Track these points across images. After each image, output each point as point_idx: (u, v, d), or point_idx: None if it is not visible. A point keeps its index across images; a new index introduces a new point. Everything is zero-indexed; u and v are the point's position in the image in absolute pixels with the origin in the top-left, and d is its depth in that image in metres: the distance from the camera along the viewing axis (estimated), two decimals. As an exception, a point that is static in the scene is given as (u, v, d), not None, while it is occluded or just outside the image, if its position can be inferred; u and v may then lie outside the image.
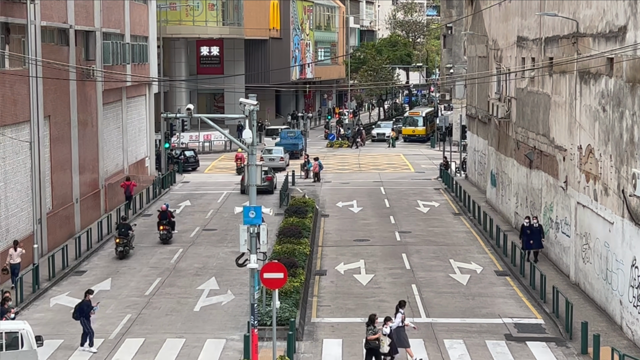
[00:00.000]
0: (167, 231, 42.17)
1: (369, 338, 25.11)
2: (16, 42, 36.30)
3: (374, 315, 25.61)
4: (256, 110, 25.12)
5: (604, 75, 30.34)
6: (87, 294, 27.80)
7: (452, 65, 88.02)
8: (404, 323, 26.02)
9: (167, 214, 42.64)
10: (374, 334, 25.05)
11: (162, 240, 42.14)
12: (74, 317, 27.37)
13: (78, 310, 27.27)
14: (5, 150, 35.07)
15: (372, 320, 25.29)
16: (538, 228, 37.29)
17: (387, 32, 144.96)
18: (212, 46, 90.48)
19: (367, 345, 25.22)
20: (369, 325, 25.22)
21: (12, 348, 23.16)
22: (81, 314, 27.16)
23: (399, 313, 26.07)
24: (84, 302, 27.47)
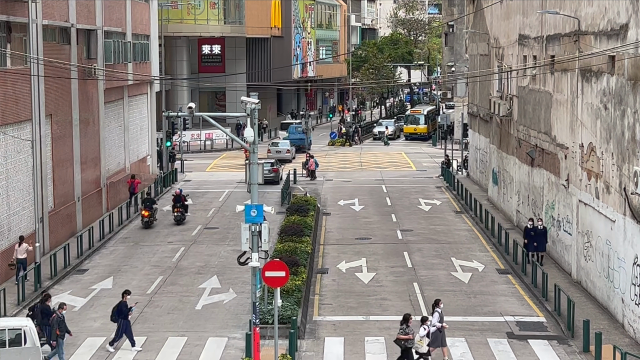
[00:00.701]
0: (180, 213, 46.41)
1: (399, 337, 24.95)
2: (18, 41, 36.31)
3: (409, 315, 25.39)
4: (258, 108, 25.12)
5: (606, 73, 30.33)
6: (125, 295, 27.53)
7: (454, 63, 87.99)
8: (442, 323, 25.76)
9: (181, 198, 46.80)
10: (405, 334, 24.86)
11: (176, 222, 46.19)
12: (112, 319, 27.11)
13: (116, 312, 27.03)
14: (7, 149, 35.08)
15: (406, 320, 25.11)
16: (542, 230, 36.68)
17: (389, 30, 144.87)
18: (213, 44, 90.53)
19: (399, 344, 25.02)
20: (402, 325, 25.05)
21: (15, 345, 23.22)
22: (119, 315, 26.92)
23: (436, 312, 25.84)
24: (121, 302, 27.21)
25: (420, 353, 24.99)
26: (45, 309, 26.89)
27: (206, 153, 79.29)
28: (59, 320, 25.68)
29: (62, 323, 25.70)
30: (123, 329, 27.00)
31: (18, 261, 33.75)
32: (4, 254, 34.42)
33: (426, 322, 25.19)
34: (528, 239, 36.49)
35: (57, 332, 25.50)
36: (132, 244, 41.68)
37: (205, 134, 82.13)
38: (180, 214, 46.25)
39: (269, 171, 58.04)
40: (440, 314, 25.88)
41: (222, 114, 31.03)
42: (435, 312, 25.92)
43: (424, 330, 24.96)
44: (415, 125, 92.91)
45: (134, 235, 43.85)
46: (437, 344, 25.66)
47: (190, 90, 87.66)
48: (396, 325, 29.11)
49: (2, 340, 23.28)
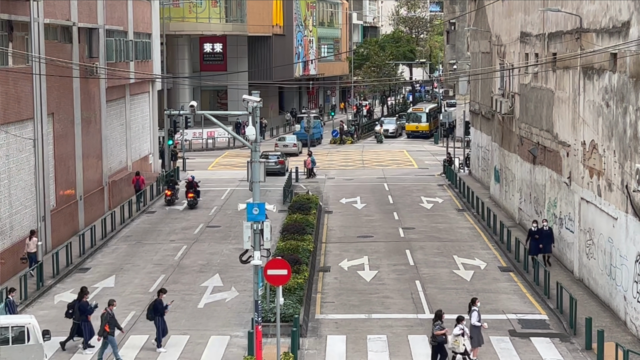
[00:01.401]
0: (193, 198, 50.35)
1: (435, 333, 24.85)
2: (19, 40, 36.33)
3: (441, 311, 25.32)
4: (259, 107, 25.12)
5: (608, 71, 30.31)
6: (160, 293, 27.46)
7: (456, 61, 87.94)
8: (480, 322, 25.61)
9: (194, 184, 50.62)
10: (440, 329, 24.80)
11: (189, 206, 50.14)
12: (148, 318, 27.05)
13: (152, 310, 26.96)
14: (9, 148, 35.11)
15: (439, 316, 25.04)
16: (548, 232, 35.97)
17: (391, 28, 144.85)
18: (215, 43, 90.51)
19: (434, 341, 24.97)
20: (436, 321, 24.98)
21: (18, 342, 23.31)
22: (156, 313, 26.84)
23: (474, 311, 25.71)
24: (157, 300, 27.13)
25: (457, 353, 24.81)
26: (83, 305, 26.93)
27: (208, 151, 79.29)
28: (109, 317, 25.77)
29: (112, 319, 25.81)
30: (162, 326, 26.88)
31: (28, 255, 34.72)
32: (7, 252, 34.46)
33: (462, 321, 24.97)
34: (532, 241, 35.71)
35: (107, 328, 25.60)
36: (134, 243, 41.70)
37: (207, 133, 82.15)
38: (193, 199, 50.25)
39: (275, 163, 61.95)
40: (478, 312, 25.71)
41: (223, 113, 31.00)
42: (473, 310, 25.72)
43: (459, 329, 24.78)
44: (417, 123, 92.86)
45: (136, 233, 43.88)
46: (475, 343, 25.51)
47: (192, 88, 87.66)
48: (398, 323, 29.20)
49: (5, 338, 23.37)
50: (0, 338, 23.33)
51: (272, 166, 60.82)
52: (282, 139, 76.96)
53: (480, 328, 25.63)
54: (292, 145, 75.18)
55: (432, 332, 25.08)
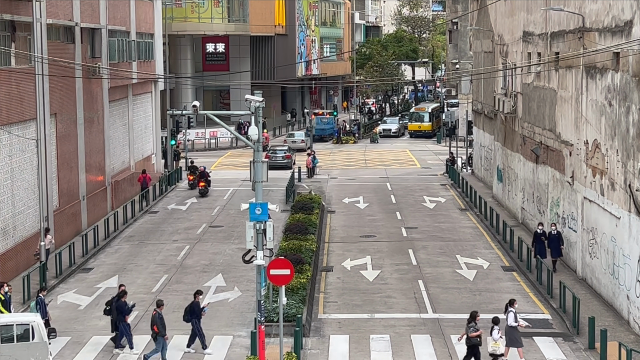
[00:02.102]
0: (204, 187, 54.10)
1: (470, 335, 24.74)
2: (22, 40, 36.35)
3: (475, 313, 25.21)
4: (262, 106, 25.12)
5: (610, 70, 30.29)
6: (197, 295, 27.34)
7: (458, 60, 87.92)
8: (518, 323, 25.48)
9: (205, 174, 54.71)
10: (475, 331, 24.70)
11: (200, 194, 53.88)
12: (185, 319, 26.95)
13: (189, 312, 26.85)
14: (11, 148, 35.13)
15: (474, 317, 24.94)
16: (557, 235, 35.14)
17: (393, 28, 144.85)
18: (217, 43, 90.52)
19: (469, 342, 24.84)
20: (470, 322, 24.88)
21: (23, 340, 23.41)
22: (192, 315, 26.73)
23: (511, 312, 25.58)
24: (194, 302, 27.02)
25: (496, 355, 24.66)
26: (121, 305, 26.93)
27: (211, 151, 79.31)
28: (158, 318, 25.70)
29: (161, 321, 25.72)
30: (197, 328, 26.76)
31: None
32: (10, 252, 34.49)
33: (498, 323, 24.85)
34: (538, 244, 35.19)
35: (156, 329, 25.56)
36: (137, 243, 41.72)
37: (210, 132, 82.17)
38: (204, 187, 54.13)
39: (282, 157, 65.81)
40: (515, 313, 25.57)
41: (226, 112, 30.98)
42: (509, 311, 25.58)
43: (497, 332, 24.65)
44: (419, 123, 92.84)
45: (139, 233, 43.90)
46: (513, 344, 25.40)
47: (194, 88, 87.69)
48: (401, 322, 29.19)
49: (10, 336, 23.46)
50: (5, 336, 23.42)
51: (279, 160, 65.03)
52: (291, 135, 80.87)
53: (516, 329, 25.48)
54: (300, 141, 78.28)
55: (467, 334, 24.95)
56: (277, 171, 61.07)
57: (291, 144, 76.24)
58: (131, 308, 27.38)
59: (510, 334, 25.41)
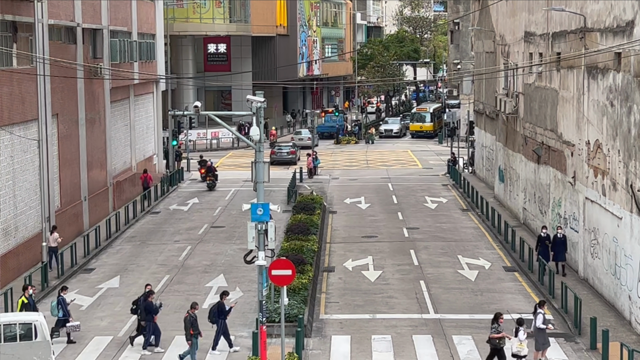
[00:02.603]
0: (212, 181, 56.60)
1: (491, 336, 24.63)
2: (24, 41, 36.37)
3: (499, 314, 25.10)
4: (263, 107, 25.12)
5: (612, 70, 30.28)
6: (223, 295, 27.21)
7: (460, 60, 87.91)
8: (546, 325, 25.33)
9: (213, 169, 57.27)
10: (497, 333, 24.57)
11: (209, 188, 56.42)
12: (210, 321, 26.84)
13: (216, 313, 26.73)
14: (13, 149, 35.14)
15: (497, 318, 24.83)
16: (562, 239, 34.46)
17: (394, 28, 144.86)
18: (219, 43, 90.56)
19: (491, 344, 24.73)
20: (493, 324, 24.77)
21: (26, 339, 23.53)
22: (219, 316, 26.65)
23: (540, 314, 25.45)
24: (220, 303, 26.95)
25: (520, 356, 24.50)
26: (149, 305, 26.92)
27: (212, 152, 79.29)
28: (192, 320, 25.63)
29: (195, 322, 25.64)
30: (221, 330, 26.70)
31: (49, 250, 35.95)
32: (12, 253, 34.50)
33: (523, 324, 24.73)
34: (542, 247, 34.73)
35: (191, 331, 25.47)
36: (139, 243, 41.73)
37: (212, 133, 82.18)
38: (211, 181, 56.57)
39: (287, 153, 68.97)
40: (544, 315, 25.42)
41: (228, 113, 30.98)
42: (539, 313, 25.43)
43: (522, 333, 24.51)
44: (421, 123, 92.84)
45: (141, 234, 43.92)
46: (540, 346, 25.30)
47: (196, 89, 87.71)
48: (403, 323, 29.19)
49: (13, 335, 23.58)
50: (8, 335, 23.53)
51: (284, 156, 68.48)
52: (298, 133, 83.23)
53: (544, 331, 25.37)
54: (307, 138, 79.59)
55: (489, 335, 24.84)
56: (279, 171, 61.14)
57: (298, 141, 77.91)
58: (159, 308, 27.33)
59: (538, 336, 25.29)
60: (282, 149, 69.17)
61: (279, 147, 70.04)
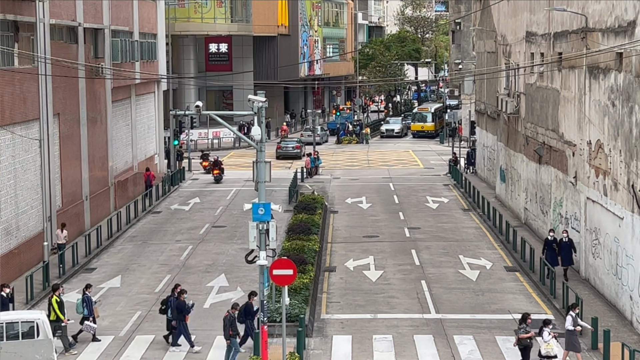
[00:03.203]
0: (218, 174, 59.61)
1: (520, 337, 24.56)
2: (25, 40, 36.38)
3: (527, 315, 25.06)
4: (265, 107, 25.12)
5: (613, 70, 30.27)
6: (251, 296, 27.05)
7: (461, 60, 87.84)
8: (575, 327, 25.21)
9: (219, 162, 60.35)
10: (525, 333, 24.51)
11: (215, 181, 59.45)
12: (239, 321, 26.66)
13: (243, 313, 26.61)
14: (15, 148, 35.16)
15: (524, 319, 24.77)
16: (568, 242, 33.75)
17: (396, 28, 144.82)
18: (220, 43, 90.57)
19: (520, 344, 24.67)
20: (521, 324, 24.71)
21: (28, 337, 23.62)
22: (247, 316, 26.56)
23: (570, 316, 25.35)
24: (248, 304, 26.81)
25: (550, 356, 24.43)
26: (181, 304, 26.88)
27: (214, 151, 79.26)
28: (232, 320, 25.59)
29: (234, 322, 25.61)
30: (250, 328, 26.61)
31: (58, 246, 37.00)
32: (13, 252, 34.51)
33: (549, 325, 24.66)
34: (549, 251, 33.83)
35: (230, 332, 25.43)
36: (140, 243, 41.75)
37: (213, 133, 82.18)
38: (218, 174, 59.58)
39: (293, 148, 73.47)
40: (573, 317, 25.29)
41: (229, 113, 30.99)
42: (569, 315, 25.36)
43: (548, 334, 24.43)
44: (422, 123, 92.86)
45: (142, 233, 43.94)
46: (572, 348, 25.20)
47: (197, 88, 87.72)
48: (404, 323, 29.19)
49: (15, 333, 23.67)
50: (11, 333, 23.61)
51: (290, 150, 72.98)
52: (307, 130, 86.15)
53: (574, 332, 25.28)
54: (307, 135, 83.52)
55: (517, 336, 24.78)
56: (280, 171, 61.14)
57: (307, 137, 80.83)
58: (191, 307, 27.29)
59: (568, 337, 25.20)
60: (288, 144, 74.22)
61: (285, 142, 75.09)
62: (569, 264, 33.78)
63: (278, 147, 74.17)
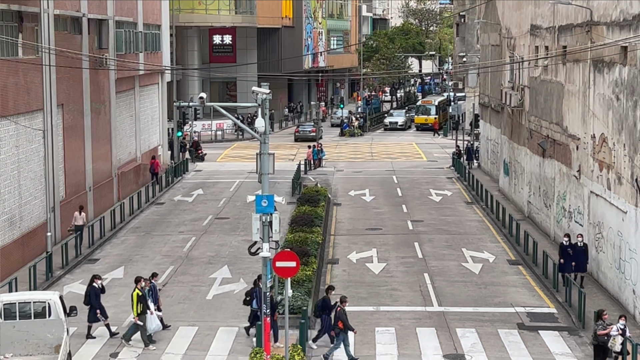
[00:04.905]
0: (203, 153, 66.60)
1: (598, 333, 24.22)
2: (29, 31, 36.37)
3: (602, 311, 24.73)
4: (269, 99, 25.09)
5: (618, 64, 30.22)
6: (329, 290, 26.81)
7: (465, 53, 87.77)
8: None
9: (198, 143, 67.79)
10: (603, 330, 24.19)
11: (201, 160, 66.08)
12: (315, 315, 26.47)
13: (320, 307, 26.36)
14: (18, 139, 35.17)
15: (600, 315, 24.47)
16: (583, 248, 32.03)
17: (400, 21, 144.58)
18: (224, 35, 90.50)
19: (595, 340, 24.36)
20: (597, 321, 24.41)
21: (40, 317, 24.06)
22: (324, 311, 26.24)
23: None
24: (325, 298, 26.52)
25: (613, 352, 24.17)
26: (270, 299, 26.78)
27: (217, 143, 79.33)
28: (343, 314, 25.41)
29: (344, 316, 25.42)
30: (327, 326, 26.41)
31: (75, 227, 37.92)
32: (16, 243, 34.56)
33: (620, 319, 24.36)
34: (565, 258, 31.78)
35: (340, 325, 25.29)
36: (143, 234, 41.78)
37: (216, 124, 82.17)
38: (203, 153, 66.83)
39: (310, 131, 79.70)
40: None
41: (233, 104, 30.95)
42: None
43: (616, 330, 24.15)
44: (426, 116, 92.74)
45: (145, 225, 43.96)
46: None
47: (201, 80, 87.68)
48: (406, 315, 29.21)
49: (28, 312, 24.12)
50: (23, 312, 24.08)
51: (308, 133, 79.03)
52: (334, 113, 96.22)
53: None
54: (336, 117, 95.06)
55: (594, 332, 24.46)
56: (284, 163, 61.17)
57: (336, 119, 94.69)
58: (277, 303, 27.27)
59: None
60: (306, 128, 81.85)
61: (303, 126, 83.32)
62: (583, 270, 32.12)
63: (296, 130, 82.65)
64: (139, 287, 26.87)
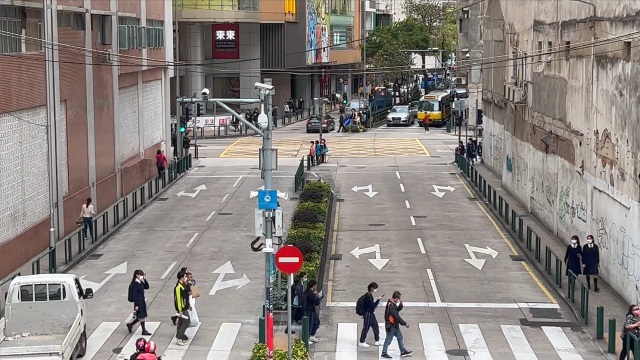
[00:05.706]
0: None
1: (627, 327, 24.12)
2: (32, 27, 36.38)
3: (633, 305, 24.73)
4: (272, 94, 25.10)
5: (621, 60, 30.19)
6: (371, 287, 26.83)
7: (469, 49, 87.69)
8: None
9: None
10: (632, 323, 24.09)
11: None
12: (358, 312, 26.61)
13: (363, 305, 26.47)
14: (22, 134, 35.21)
15: (630, 309, 24.39)
16: (593, 249, 31.21)
17: (403, 16, 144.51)
18: (227, 30, 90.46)
19: (624, 334, 24.21)
20: (628, 314, 24.33)
21: (55, 298, 25.12)
22: (366, 308, 26.38)
23: None
24: (368, 295, 26.61)
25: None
26: (311, 295, 26.79)
27: (220, 139, 79.34)
28: (393, 309, 25.47)
29: (395, 311, 25.49)
30: (369, 322, 26.40)
31: (84, 220, 38.68)
32: (20, 238, 34.61)
33: None
34: (572, 260, 31.40)
35: (392, 320, 25.35)
36: (146, 230, 41.82)
37: (219, 120, 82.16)
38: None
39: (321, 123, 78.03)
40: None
41: (236, 100, 31.02)
42: None
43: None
44: (429, 112, 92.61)
45: (148, 220, 44.00)
46: None
47: (204, 76, 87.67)
48: (409, 311, 29.19)
49: (43, 294, 25.11)
50: (39, 294, 25.08)
51: (318, 125, 76.85)
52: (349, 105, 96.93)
53: None
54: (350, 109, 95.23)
55: (624, 326, 24.34)
56: (287, 159, 61.19)
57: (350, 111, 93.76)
58: (320, 299, 27.20)
59: None
60: (317, 121, 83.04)
61: (314, 118, 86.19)
62: (594, 272, 31.32)
63: (308, 122, 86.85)
64: (181, 282, 27.00)
